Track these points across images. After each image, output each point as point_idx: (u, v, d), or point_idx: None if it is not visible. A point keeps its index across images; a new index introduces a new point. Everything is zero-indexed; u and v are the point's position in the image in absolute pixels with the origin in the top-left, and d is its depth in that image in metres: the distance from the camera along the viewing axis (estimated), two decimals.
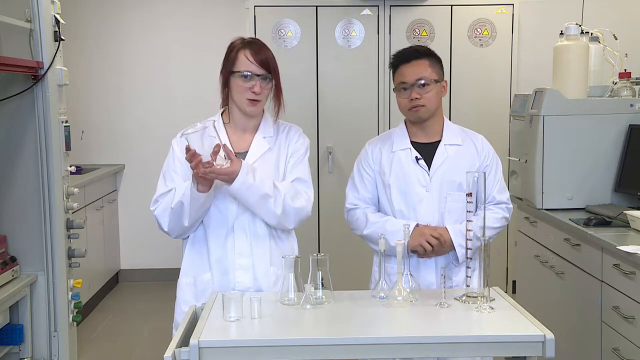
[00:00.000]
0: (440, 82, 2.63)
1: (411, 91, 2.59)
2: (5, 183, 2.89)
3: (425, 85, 2.59)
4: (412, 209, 2.63)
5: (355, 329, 2.09)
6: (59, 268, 2.95)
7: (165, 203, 2.45)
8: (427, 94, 2.59)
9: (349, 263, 4.67)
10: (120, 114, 6.04)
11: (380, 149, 2.72)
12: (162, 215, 2.45)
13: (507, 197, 2.73)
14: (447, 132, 2.68)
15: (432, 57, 2.65)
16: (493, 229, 2.62)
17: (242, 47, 2.45)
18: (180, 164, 2.48)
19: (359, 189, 2.73)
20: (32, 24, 2.83)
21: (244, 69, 2.43)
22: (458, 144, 2.67)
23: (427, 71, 2.60)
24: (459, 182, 2.61)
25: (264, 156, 2.51)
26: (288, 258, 2.29)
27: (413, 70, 2.60)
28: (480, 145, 2.69)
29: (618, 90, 3.78)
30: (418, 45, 2.75)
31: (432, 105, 2.62)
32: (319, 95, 5.15)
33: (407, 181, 2.64)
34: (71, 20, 4.15)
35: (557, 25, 4.11)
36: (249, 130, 2.54)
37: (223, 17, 5.88)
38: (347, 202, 2.76)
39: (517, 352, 2.00)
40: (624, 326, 2.86)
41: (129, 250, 6.05)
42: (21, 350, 2.90)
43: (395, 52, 2.70)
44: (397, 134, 2.73)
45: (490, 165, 2.68)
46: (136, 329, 4.91)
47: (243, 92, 2.44)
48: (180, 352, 1.91)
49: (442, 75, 2.66)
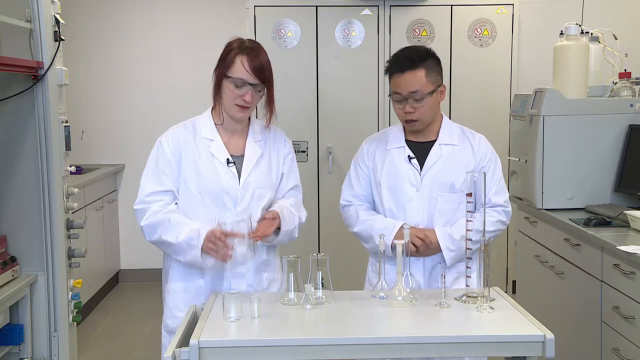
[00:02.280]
0: (437, 90, 2.55)
1: (405, 104, 2.53)
2: (5, 183, 2.89)
3: (420, 99, 2.51)
4: (402, 208, 2.60)
5: (355, 329, 2.09)
6: (59, 268, 2.95)
7: (155, 222, 2.40)
8: (422, 108, 2.52)
9: (349, 263, 4.66)
10: (120, 114, 6.04)
11: (375, 147, 2.69)
12: (148, 231, 2.44)
13: (505, 200, 2.66)
14: (444, 131, 2.63)
15: (429, 62, 2.54)
16: (487, 233, 2.52)
17: (240, 52, 2.41)
18: (170, 166, 2.46)
19: (354, 186, 2.71)
20: (32, 24, 2.82)
21: (237, 75, 2.39)
22: (453, 143, 2.62)
23: (422, 82, 2.50)
24: (451, 183, 2.56)
25: (259, 162, 2.51)
26: (288, 258, 2.29)
27: (406, 81, 2.51)
28: (477, 145, 2.63)
29: (618, 90, 3.78)
30: (414, 48, 2.63)
31: (427, 118, 2.56)
32: (319, 95, 5.15)
33: (397, 180, 2.60)
34: (71, 20, 4.15)
35: (557, 25, 4.11)
36: (239, 132, 2.53)
37: (223, 17, 5.88)
38: (342, 199, 2.75)
39: (517, 352, 2.00)
40: (624, 326, 2.86)
41: (129, 250, 6.05)
42: (21, 350, 2.89)
43: (390, 57, 2.62)
44: (393, 132, 2.70)
45: (487, 166, 2.62)
46: (136, 329, 4.91)
47: (234, 97, 2.41)
48: (180, 352, 1.91)
49: (440, 79, 2.57)
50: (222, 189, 2.43)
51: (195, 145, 2.47)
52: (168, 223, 2.39)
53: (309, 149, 5.16)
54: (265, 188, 2.50)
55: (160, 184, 2.45)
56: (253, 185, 2.46)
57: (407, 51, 2.60)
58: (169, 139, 2.49)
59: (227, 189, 2.44)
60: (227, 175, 2.44)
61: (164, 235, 2.38)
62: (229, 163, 2.45)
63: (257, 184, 2.47)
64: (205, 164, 2.45)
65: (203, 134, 2.49)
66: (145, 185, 2.47)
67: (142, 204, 2.45)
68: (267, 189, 2.51)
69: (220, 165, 2.45)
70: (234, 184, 2.44)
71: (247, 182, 2.46)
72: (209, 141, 2.47)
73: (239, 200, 2.45)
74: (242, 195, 2.45)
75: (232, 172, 2.45)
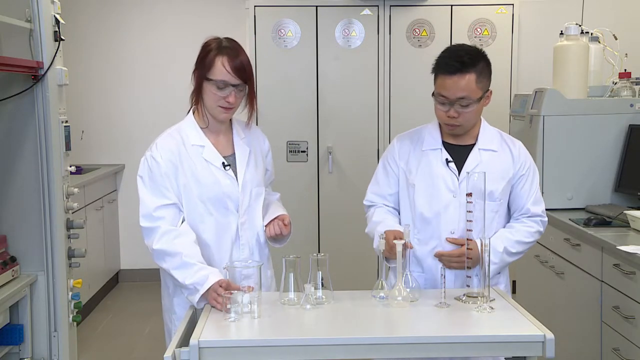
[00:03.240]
0: (484, 96, 2.40)
1: (450, 108, 2.36)
2: (5, 183, 2.89)
3: (467, 105, 2.35)
4: (436, 214, 2.44)
5: (355, 329, 2.09)
6: (59, 268, 2.95)
7: (165, 251, 2.30)
8: (467, 114, 2.37)
9: (349, 263, 4.67)
10: (120, 114, 6.05)
11: (409, 146, 2.53)
12: (157, 256, 2.33)
13: (542, 210, 2.51)
14: (483, 135, 2.49)
15: (480, 65, 2.36)
16: (525, 244, 2.46)
17: (219, 52, 2.35)
18: (168, 179, 2.38)
19: (381, 184, 2.56)
20: (32, 24, 2.82)
21: (219, 77, 2.34)
22: (493, 149, 2.47)
23: (471, 88, 2.33)
24: (490, 190, 2.38)
25: (249, 161, 2.50)
26: (288, 258, 2.29)
27: (455, 85, 2.32)
28: (517, 152, 2.49)
29: (618, 90, 3.78)
30: (466, 49, 2.40)
31: (470, 124, 2.42)
32: (319, 95, 5.14)
33: (434, 184, 2.44)
34: (71, 20, 4.15)
35: (557, 25, 4.11)
36: (223, 132, 2.51)
37: (223, 17, 5.88)
38: (365, 199, 2.61)
39: (517, 352, 2.00)
40: (624, 326, 2.86)
41: (129, 250, 6.05)
42: (21, 350, 2.89)
43: (440, 55, 2.41)
44: (428, 131, 2.53)
45: (527, 174, 2.48)
46: (136, 329, 4.91)
47: (217, 100, 2.37)
48: (180, 352, 1.91)
49: (489, 83, 2.41)
50: (224, 194, 2.42)
51: (188, 154, 2.41)
52: (180, 259, 2.30)
53: (309, 149, 5.16)
54: (259, 186, 2.52)
55: (164, 197, 2.37)
56: (250, 184, 2.48)
57: (458, 52, 2.38)
58: (161, 153, 2.39)
59: (228, 193, 2.43)
60: (226, 179, 2.43)
61: (173, 271, 2.31)
62: (225, 166, 2.44)
63: (253, 182, 2.49)
64: (203, 172, 2.41)
65: (192, 141, 2.43)
66: (149, 201, 2.36)
67: (149, 221, 2.35)
68: (261, 187, 2.53)
69: (217, 170, 2.43)
70: (234, 187, 2.44)
71: (245, 183, 2.46)
72: (200, 147, 2.43)
73: (240, 202, 2.45)
74: (242, 196, 2.45)
75: (230, 175, 2.44)
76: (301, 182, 5.10)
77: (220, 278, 2.25)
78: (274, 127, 4.93)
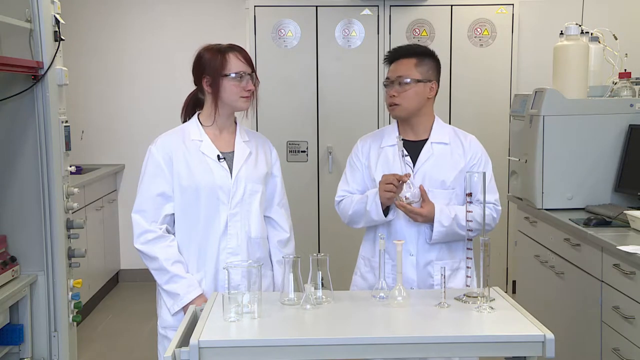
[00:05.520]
0: (426, 83, 2.62)
1: (391, 88, 2.63)
2: (5, 183, 2.89)
3: (405, 84, 2.59)
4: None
5: (355, 329, 2.09)
6: (59, 268, 2.95)
7: (151, 256, 2.57)
8: (405, 93, 2.60)
9: (349, 263, 4.66)
10: (120, 114, 6.05)
11: (370, 144, 2.75)
12: (145, 258, 2.62)
13: (496, 199, 2.68)
14: (436, 130, 2.69)
15: (423, 57, 2.64)
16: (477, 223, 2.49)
17: (227, 50, 2.52)
18: (160, 170, 2.52)
19: (349, 182, 2.76)
20: (32, 24, 2.82)
21: (237, 70, 2.50)
22: (445, 142, 2.67)
23: (411, 70, 2.60)
24: (441, 180, 2.62)
25: (248, 159, 2.58)
26: (288, 258, 2.29)
27: (397, 67, 2.63)
28: (468, 144, 2.69)
29: (618, 90, 3.78)
30: (415, 45, 2.76)
31: (409, 105, 2.62)
32: (319, 95, 5.15)
33: None
34: (71, 20, 4.15)
35: (557, 25, 4.11)
36: (226, 130, 2.60)
37: (223, 17, 5.89)
38: (337, 195, 2.79)
39: (517, 352, 2.00)
40: (624, 326, 2.86)
41: (129, 250, 6.04)
42: (21, 350, 2.89)
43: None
44: (388, 130, 2.77)
45: (478, 164, 2.68)
46: (136, 329, 4.91)
47: (238, 92, 2.51)
48: (180, 352, 1.91)
49: (433, 76, 2.65)
50: (215, 184, 2.50)
51: (185, 147, 2.54)
52: (166, 274, 2.60)
53: (309, 149, 5.16)
54: (257, 183, 2.57)
55: (154, 187, 2.52)
56: (244, 179, 2.54)
57: (408, 45, 2.76)
58: (158, 146, 2.55)
59: (220, 183, 2.50)
60: (220, 171, 2.52)
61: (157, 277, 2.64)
62: (219, 159, 2.53)
63: (249, 178, 2.55)
64: (197, 162, 2.52)
65: (192, 137, 2.56)
66: (139, 193, 2.55)
67: (135, 212, 2.53)
68: (259, 184, 2.58)
69: (212, 162, 2.52)
70: (226, 178, 2.51)
71: (239, 177, 2.53)
72: (198, 142, 2.55)
73: (232, 194, 2.51)
74: (234, 189, 2.51)
75: (223, 167, 2.53)
76: (301, 182, 5.10)
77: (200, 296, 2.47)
78: (274, 127, 4.94)
